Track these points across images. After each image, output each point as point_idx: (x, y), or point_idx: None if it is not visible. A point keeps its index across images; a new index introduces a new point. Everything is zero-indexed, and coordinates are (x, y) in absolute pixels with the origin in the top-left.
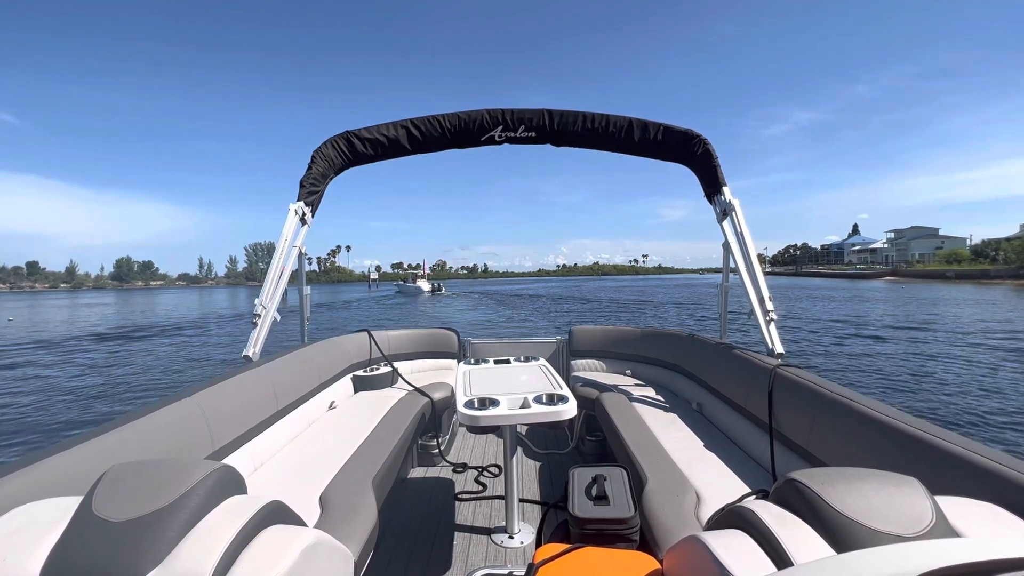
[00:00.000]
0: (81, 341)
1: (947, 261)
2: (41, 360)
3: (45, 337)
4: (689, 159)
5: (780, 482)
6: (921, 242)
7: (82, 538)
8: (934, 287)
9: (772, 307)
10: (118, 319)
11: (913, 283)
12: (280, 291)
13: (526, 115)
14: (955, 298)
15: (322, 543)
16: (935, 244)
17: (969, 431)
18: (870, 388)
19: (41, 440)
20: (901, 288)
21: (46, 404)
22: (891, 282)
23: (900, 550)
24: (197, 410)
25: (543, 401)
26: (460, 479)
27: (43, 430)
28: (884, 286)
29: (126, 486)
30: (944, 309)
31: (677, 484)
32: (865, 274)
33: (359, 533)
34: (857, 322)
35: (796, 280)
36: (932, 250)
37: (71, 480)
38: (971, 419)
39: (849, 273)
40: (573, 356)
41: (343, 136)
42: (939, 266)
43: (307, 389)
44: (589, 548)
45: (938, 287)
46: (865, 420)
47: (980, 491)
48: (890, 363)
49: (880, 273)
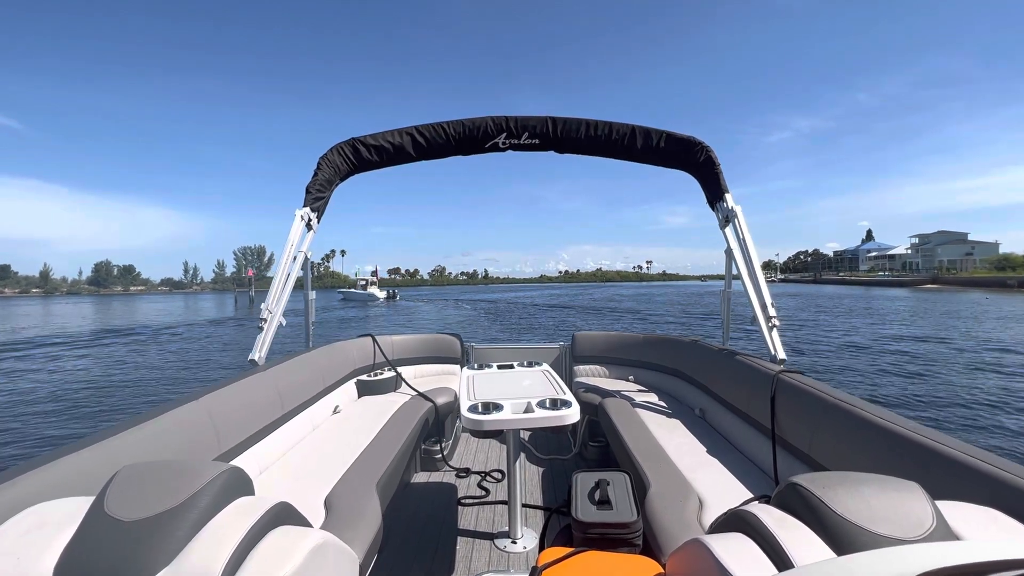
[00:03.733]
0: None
1: (997, 267)
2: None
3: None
4: (691, 166)
5: (782, 486)
6: (949, 247)
7: (94, 537)
8: (1004, 297)
9: (775, 313)
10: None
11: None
12: (286, 296)
13: (530, 122)
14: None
15: (329, 544)
16: (964, 250)
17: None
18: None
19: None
20: (972, 299)
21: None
22: (935, 290)
23: (899, 552)
24: (204, 413)
25: (546, 406)
26: (463, 484)
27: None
28: (943, 296)
29: (137, 486)
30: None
31: (680, 489)
32: (901, 281)
33: (363, 536)
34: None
35: (817, 288)
36: (961, 256)
37: (83, 480)
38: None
39: (879, 280)
40: (576, 361)
41: (349, 143)
42: (987, 273)
43: (312, 393)
44: (592, 552)
45: (1006, 297)
46: (867, 425)
47: (980, 495)
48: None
49: (918, 280)
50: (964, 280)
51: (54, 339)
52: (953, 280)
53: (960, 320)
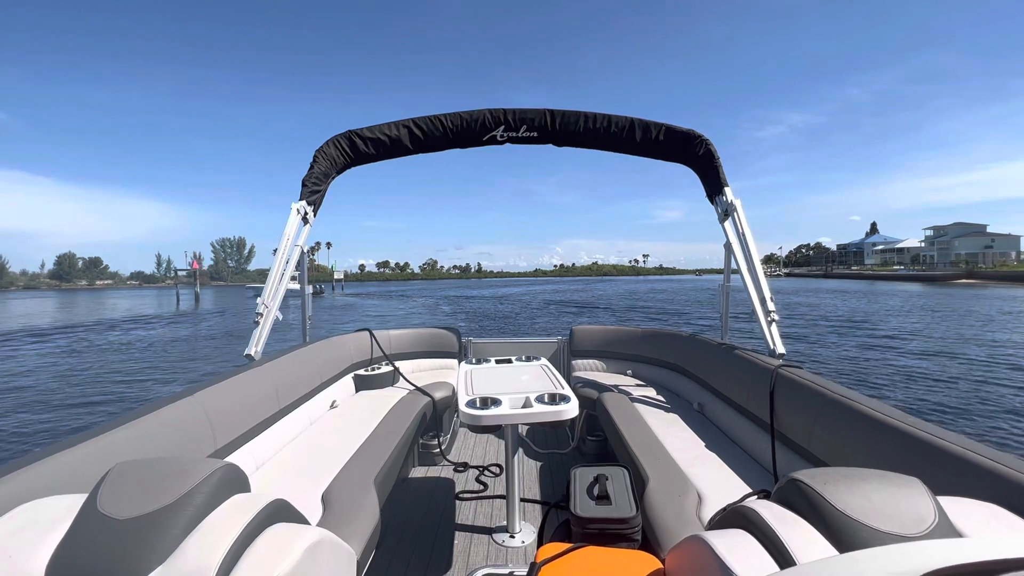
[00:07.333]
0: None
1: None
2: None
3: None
4: (691, 159)
5: (782, 482)
6: (967, 240)
7: (87, 535)
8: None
9: (773, 307)
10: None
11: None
12: (282, 290)
13: (528, 115)
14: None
15: (325, 541)
16: (983, 242)
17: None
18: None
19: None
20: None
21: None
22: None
23: (902, 550)
24: (200, 409)
25: (544, 401)
26: (461, 479)
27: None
28: (998, 292)
29: (130, 484)
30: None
31: (679, 484)
32: (927, 276)
33: (361, 532)
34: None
35: (829, 283)
36: (980, 249)
37: (76, 478)
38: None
39: (898, 275)
40: (574, 356)
41: (345, 135)
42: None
43: (309, 388)
44: (591, 548)
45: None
46: (867, 420)
47: (982, 491)
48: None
49: (950, 275)
50: (1007, 275)
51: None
52: (993, 275)
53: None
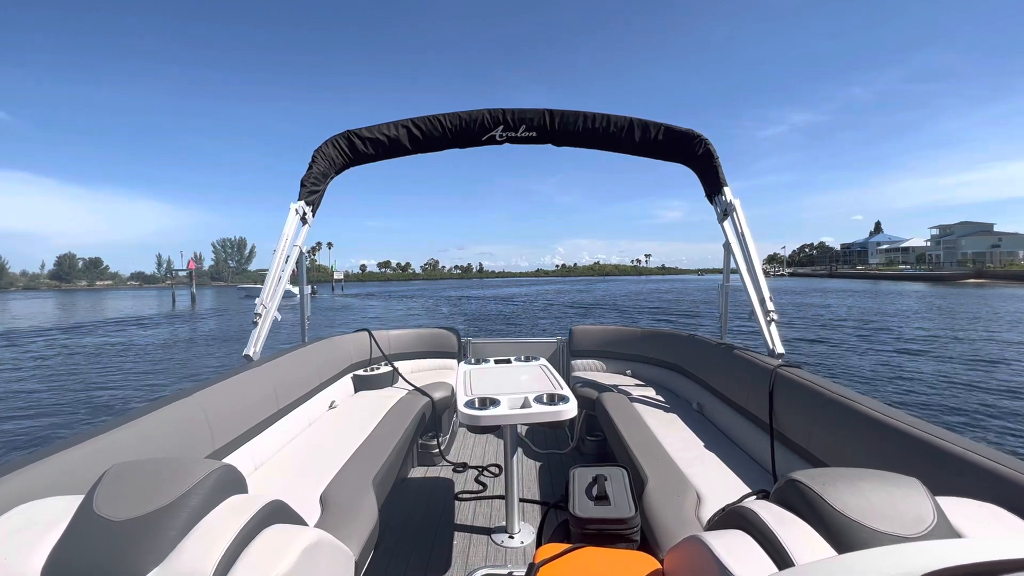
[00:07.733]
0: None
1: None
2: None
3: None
4: (690, 159)
5: (781, 482)
6: (974, 239)
7: (83, 537)
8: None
9: (773, 307)
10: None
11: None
12: (281, 290)
13: (527, 115)
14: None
15: (323, 542)
16: (990, 241)
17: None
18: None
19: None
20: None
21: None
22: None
23: (901, 551)
24: (198, 409)
25: (544, 401)
26: (460, 479)
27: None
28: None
29: (127, 485)
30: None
31: (678, 484)
32: (934, 276)
33: (360, 533)
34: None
35: (834, 283)
36: (987, 248)
37: (72, 479)
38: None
39: (904, 275)
40: (573, 356)
41: (344, 135)
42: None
43: (307, 388)
44: (590, 548)
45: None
46: (866, 420)
47: (981, 491)
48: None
49: (958, 275)
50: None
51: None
52: (1004, 274)
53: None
